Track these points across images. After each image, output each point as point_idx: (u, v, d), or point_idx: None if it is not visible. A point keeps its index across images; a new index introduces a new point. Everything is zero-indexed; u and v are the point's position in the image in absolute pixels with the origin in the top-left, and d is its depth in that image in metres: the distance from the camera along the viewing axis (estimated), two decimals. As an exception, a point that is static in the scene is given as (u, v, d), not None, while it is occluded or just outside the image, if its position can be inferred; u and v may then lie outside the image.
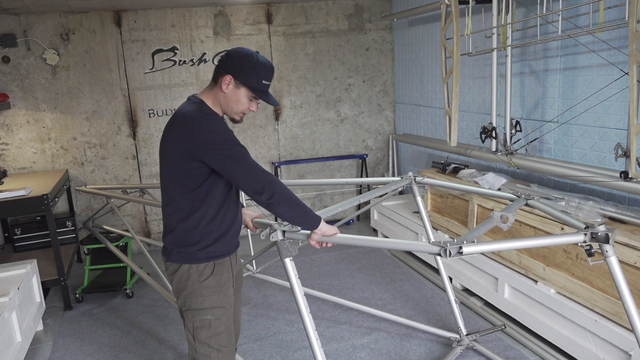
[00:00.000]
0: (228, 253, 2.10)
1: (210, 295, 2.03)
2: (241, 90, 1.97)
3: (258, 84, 1.96)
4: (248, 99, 2.00)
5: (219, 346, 2.05)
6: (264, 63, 1.97)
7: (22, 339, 3.16)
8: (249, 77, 1.94)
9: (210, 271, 2.03)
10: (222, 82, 1.96)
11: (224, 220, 2.06)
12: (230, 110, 2.03)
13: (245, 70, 1.94)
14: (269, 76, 1.99)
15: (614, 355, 2.57)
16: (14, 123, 4.89)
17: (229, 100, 1.99)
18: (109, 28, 4.97)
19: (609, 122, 3.08)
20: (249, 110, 2.04)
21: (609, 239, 1.91)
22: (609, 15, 2.93)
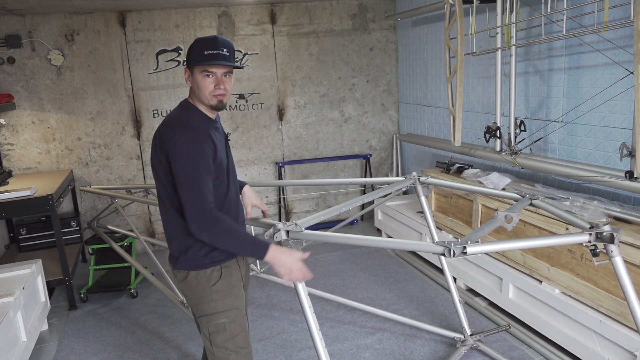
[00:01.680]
0: (233, 255, 2.07)
1: (222, 299, 2.01)
2: (195, 73, 1.94)
3: (201, 57, 1.89)
4: (205, 76, 1.92)
5: (237, 348, 2.03)
6: (202, 39, 1.93)
7: (27, 339, 3.17)
8: (193, 57, 1.92)
9: (218, 275, 2.01)
10: (186, 78, 1.99)
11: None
12: (204, 98, 1.96)
13: (190, 55, 1.93)
14: (211, 46, 1.90)
15: (619, 355, 2.56)
16: (19, 123, 4.91)
17: (195, 89, 1.97)
18: (114, 29, 4.98)
19: (614, 121, 3.07)
20: (220, 89, 1.94)
21: (614, 239, 1.90)
22: (613, 15, 2.92)
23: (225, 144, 2.09)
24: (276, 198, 5.75)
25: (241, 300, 2.08)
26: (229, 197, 2.05)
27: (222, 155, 2.00)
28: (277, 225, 2.05)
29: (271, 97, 5.51)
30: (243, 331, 2.06)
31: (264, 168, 5.65)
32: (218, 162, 1.96)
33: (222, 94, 1.96)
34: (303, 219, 2.18)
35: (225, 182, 2.03)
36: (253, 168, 5.61)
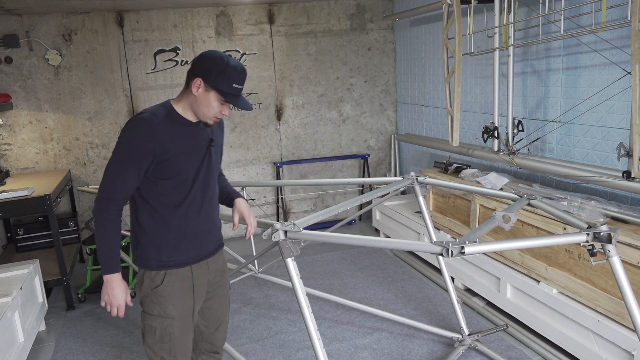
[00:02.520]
0: (187, 263, 2.05)
1: (160, 304, 2.01)
2: (211, 93, 1.91)
3: (228, 87, 1.90)
4: (219, 103, 1.93)
5: (163, 354, 2.04)
6: (234, 66, 1.90)
7: (24, 339, 3.17)
8: (219, 80, 1.89)
9: (160, 280, 2.01)
10: (193, 85, 1.92)
11: (177, 227, 2.01)
12: (201, 114, 1.97)
13: (215, 74, 1.88)
14: (240, 80, 1.93)
15: (617, 355, 2.56)
16: (16, 123, 4.90)
17: (199, 103, 1.94)
18: (111, 28, 4.98)
19: (611, 121, 3.08)
20: (221, 115, 1.98)
21: (612, 238, 1.90)
22: (611, 15, 2.93)
23: (205, 151, 2.04)
24: (274, 198, 5.75)
25: (183, 311, 2.05)
26: (187, 202, 2.01)
27: (179, 161, 1.95)
28: (275, 225, 2.05)
29: (269, 97, 5.51)
30: (174, 341, 2.04)
31: (262, 168, 5.65)
32: (169, 163, 1.93)
33: (220, 118, 2.02)
34: (301, 219, 2.18)
35: (183, 188, 1.99)
36: (251, 168, 5.60)
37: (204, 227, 2.09)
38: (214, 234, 2.16)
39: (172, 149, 1.93)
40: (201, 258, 2.10)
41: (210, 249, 2.14)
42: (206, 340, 2.27)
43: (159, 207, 1.99)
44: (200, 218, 2.06)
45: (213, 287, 2.19)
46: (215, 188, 2.16)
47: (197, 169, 2.01)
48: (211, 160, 2.07)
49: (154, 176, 1.95)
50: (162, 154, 1.91)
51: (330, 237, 2.13)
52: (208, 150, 2.05)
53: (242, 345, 3.33)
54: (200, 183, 2.03)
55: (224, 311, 2.28)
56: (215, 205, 2.17)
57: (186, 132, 1.98)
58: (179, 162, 1.95)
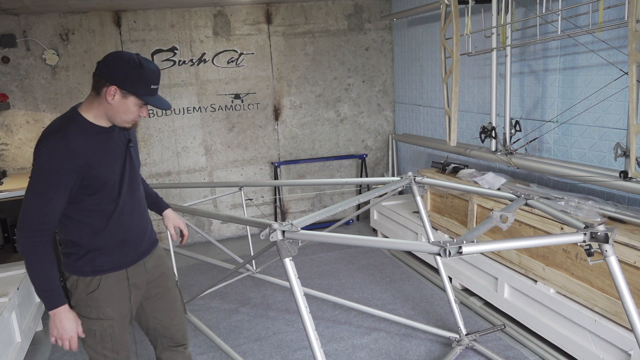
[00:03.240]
0: (123, 266, 2.04)
1: (97, 307, 2.00)
2: (129, 99, 1.85)
3: (146, 90, 1.85)
4: (137, 107, 1.88)
5: (106, 352, 2.05)
6: (149, 68, 1.84)
7: (21, 339, 3.16)
8: (136, 85, 1.82)
9: (96, 285, 1.99)
10: (107, 94, 1.83)
11: (112, 234, 1.99)
12: (119, 120, 1.90)
13: (131, 79, 1.81)
14: (157, 80, 1.88)
15: (614, 355, 2.57)
16: (13, 123, 4.89)
17: (116, 111, 1.87)
18: (109, 28, 4.97)
19: (608, 121, 3.08)
20: (139, 117, 1.93)
21: (609, 238, 1.91)
22: (608, 15, 2.93)
23: (125, 152, 2.00)
24: (272, 198, 5.75)
25: (121, 311, 2.05)
26: (118, 208, 1.98)
27: (103, 171, 1.90)
28: (272, 225, 2.04)
29: (267, 97, 5.51)
30: (114, 340, 2.05)
31: (260, 168, 5.64)
32: (93, 177, 1.87)
33: (138, 120, 1.96)
34: (299, 219, 2.18)
35: (109, 198, 1.95)
36: (249, 168, 5.60)
37: (138, 228, 2.09)
38: (148, 232, 2.16)
39: (94, 161, 1.87)
40: (136, 259, 2.09)
41: (144, 249, 2.13)
42: (164, 335, 2.28)
43: (89, 221, 1.94)
44: (133, 220, 2.06)
45: (154, 284, 2.19)
46: (141, 187, 2.15)
47: (120, 173, 1.97)
48: (132, 160, 2.04)
49: (80, 194, 1.88)
50: (85, 169, 1.84)
51: (328, 237, 2.13)
52: (127, 151, 2.02)
53: (239, 345, 3.33)
54: (127, 186, 2.00)
55: (173, 305, 2.27)
56: (144, 205, 2.16)
57: (102, 139, 1.92)
58: (103, 173, 1.90)
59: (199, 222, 5.51)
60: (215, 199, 5.39)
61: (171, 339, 2.30)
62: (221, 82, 5.33)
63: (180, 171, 5.39)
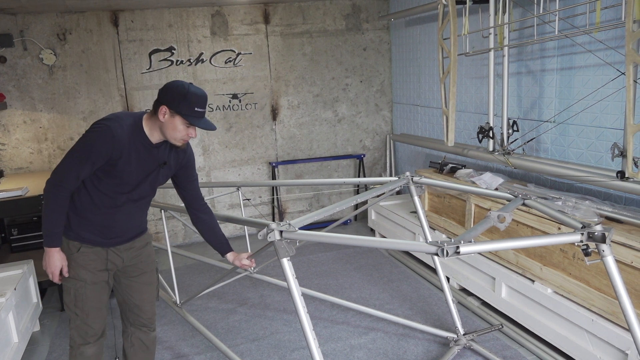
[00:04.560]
0: (101, 245, 2.31)
1: (74, 268, 2.30)
2: (176, 118, 2.14)
3: (191, 111, 2.12)
4: (184, 126, 2.16)
5: (77, 311, 2.34)
6: (194, 92, 2.13)
7: (18, 340, 3.15)
8: (182, 105, 2.11)
9: (76, 249, 2.29)
10: (159, 113, 2.14)
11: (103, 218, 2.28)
12: (170, 137, 2.19)
13: (178, 100, 2.11)
14: (201, 104, 2.15)
15: (611, 354, 2.57)
16: (10, 123, 4.88)
17: (167, 128, 2.17)
18: (106, 28, 4.96)
19: (605, 122, 3.09)
20: (188, 137, 2.20)
21: (606, 238, 1.91)
22: (605, 16, 2.94)
23: (156, 168, 2.29)
24: (270, 198, 5.74)
25: (94, 278, 2.32)
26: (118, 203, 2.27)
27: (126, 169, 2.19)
28: (270, 225, 2.05)
29: (265, 97, 5.51)
30: (85, 300, 2.32)
31: (258, 168, 5.64)
32: (117, 169, 2.17)
33: (188, 140, 2.24)
34: (297, 219, 2.18)
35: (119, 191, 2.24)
36: (246, 168, 5.60)
37: (126, 226, 2.36)
38: (132, 231, 2.40)
39: (125, 159, 2.17)
40: (112, 245, 2.35)
41: (122, 239, 2.38)
42: (132, 311, 2.54)
43: (95, 196, 2.24)
44: (124, 219, 2.33)
45: (132, 266, 2.45)
46: (149, 198, 2.42)
47: (138, 182, 2.27)
48: (157, 178, 2.34)
49: (100, 171, 2.18)
50: (115, 159, 2.15)
51: (326, 237, 2.13)
52: (157, 169, 2.31)
53: (237, 345, 3.33)
54: (137, 192, 2.30)
55: (147, 287, 2.52)
56: (144, 210, 2.44)
57: (143, 150, 2.21)
58: (125, 171, 2.20)
59: (196, 222, 5.50)
60: (213, 199, 5.38)
61: (138, 317, 2.55)
62: (219, 82, 5.33)
63: (177, 171, 5.37)
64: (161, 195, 5.29)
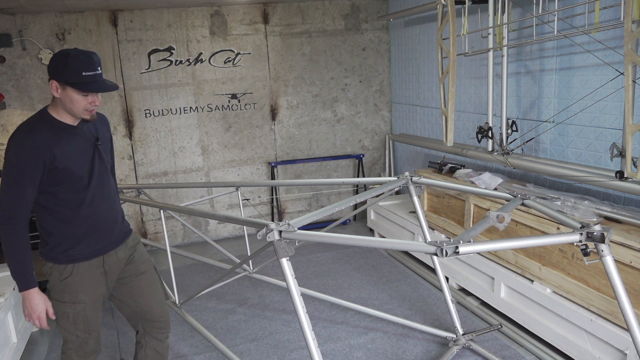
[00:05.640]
0: (93, 255, 2.16)
1: (70, 292, 2.14)
2: (67, 90, 1.95)
3: (77, 77, 1.92)
4: (81, 95, 1.96)
5: (78, 333, 2.19)
6: (75, 55, 1.92)
7: (17, 340, 3.15)
8: (66, 74, 1.92)
9: (69, 272, 2.13)
10: (52, 88, 1.97)
11: (81, 223, 2.12)
12: (73, 112, 2.01)
13: (61, 69, 1.92)
14: (88, 66, 1.93)
15: (610, 354, 2.58)
16: (9, 123, 4.87)
17: (65, 102, 1.98)
18: (105, 28, 4.96)
19: (604, 122, 3.09)
20: (93, 105, 2.01)
21: (605, 238, 1.91)
22: (604, 16, 2.94)
23: (93, 149, 2.12)
24: (269, 198, 5.74)
25: (93, 296, 2.18)
26: (86, 201, 2.11)
27: (68, 164, 2.03)
28: (269, 225, 2.04)
29: (264, 97, 5.50)
30: (86, 322, 2.18)
31: (257, 168, 5.64)
32: (59, 169, 2.00)
33: (94, 109, 2.04)
34: (296, 219, 2.18)
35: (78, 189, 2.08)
36: (246, 168, 5.60)
37: (106, 218, 2.20)
38: (118, 224, 2.26)
39: (59, 155, 1.99)
40: (108, 249, 2.21)
41: (115, 239, 2.25)
42: (145, 318, 2.39)
43: (61, 210, 2.08)
44: (102, 211, 2.18)
45: (128, 272, 2.32)
46: (111, 182, 2.27)
47: (89, 168, 2.11)
48: (102, 157, 2.17)
49: (47, 185, 2.02)
50: (50, 161, 1.98)
51: (325, 237, 2.13)
52: (96, 149, 2.14)
53: (236, 345, 3.33)
54: (95, 181, 2.13)
55: (151, 288, 2.39)
56: (115, 198, 2.28)
57: (68, 135, 2.04)
58: (69, 165, 2.03)
59: (195, 222, 5.50)
60: (212, 199, 5.38)
61: (152, 322, 2.40)
62: (218, 82, 5.33)
63: (177, 171, 5.38)
64: (161, 195, 5.29)
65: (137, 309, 2.37)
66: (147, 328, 2.41)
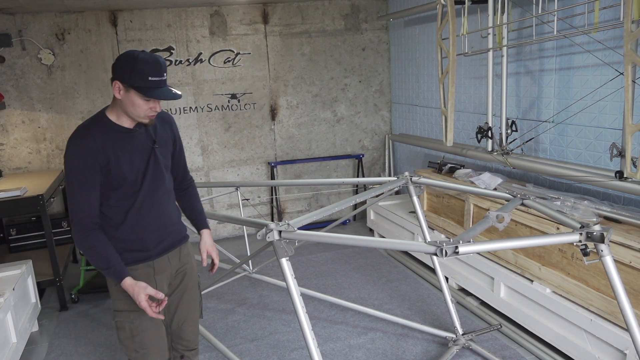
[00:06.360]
0: (145, 259, 2.10)
1: (124, 299, 2.07)
2: (131, 93, 1.89)
3: (143, 82, 1.87)
4: (143, 100, 1.91)
5: (136, 347, 2.10)
6: (144, 59, 1.87)
7: (17, 340, 3.15)
8: (132, 77, 1.86)
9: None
10: (114, 89, 1.92)
11: (129, 230, 2.06)
12: (133, 116, 1.96)
13: (127, 72, 1.86)
14: (155, 71, 1.88)
15: (610, 354, 2.58)
16: (9, 123, 4.87)
17: (126, 105, 1.93)
18: (105, 28, 4.96)
19: (604, 122, 3.09)
20: (153, 111, 1.96)
21: (604, 238, 1.91)
22: (604, 16, 2.94)
23: (150, 152, 2.06)
24: (269, 198, 5.74)
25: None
26: (135, 206, 2.05)
27: (124, 167, 1.98)
28: (269, 225, 2.04)
29: (263, 97, 5.50)
30: (143, 333, 2.09)
31: (257, 168, 5.64)
32: (112, 173, 1.96)
33: (154, 115, 1.99)
34: (296, 219, 2.18)
35: (131, 193, 2.03)
36: (245, 168, 5.60)
37: (156, 225, 2.12)
38: (169, 230, 2.18)
39: (113, 158, 1.95)
40: (160, 253, 2.14)
41: (168, 244, 2.17)
42: (174, 333, 2.31)
43: (111, 215, 2.03)
44: (151, 218, 2.10)
45: (176, 280, 2.24)
46: (166, 186, 2.16)
47: (143, 172, 2.04)
48: (158, 161, 2.09)
49: (105, 189, 1.99)
50: (105, 164, 1.94)
51: (325, 237, 2.13)
52: (152, 152, 2.07)
53: (236, 345, 3.33)
54: (147, 186, 2.06)
55: (190, 304, 2.30)
56: (168, 202, 2.18)
57: (122, 139, 1.99)
58: (122, 169, 1.98)
59: (195, 222, 5.49)
60: (211, 199, 5.38)
61: (180, 341, 2.33)
62: (218, 82, 5.33)
63: (176, 171, 5.37)
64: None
65: (169, 321, 2.29)
66: (175, 346, 2.34)
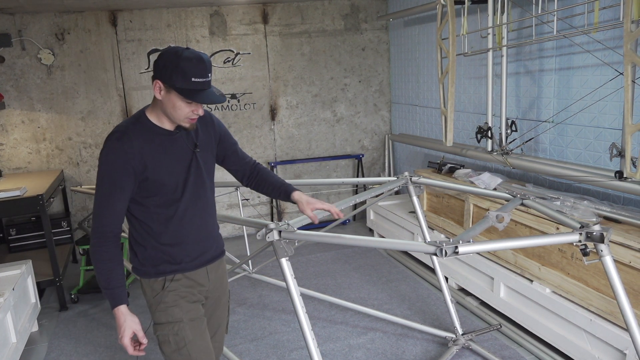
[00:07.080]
0: (184, 270, 1.98)
1: (165, 310, 1.94)
2: (172, 94, 1.74)
3: (187, 83, 1.70)
4: (185, 103, 1.76)
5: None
6: (189, 58, 1.70)
7: (17, 340, 3.15)
8: (174, 77, 1.70)
9: (160, 287, 1.95)
10: (155, 89, 1.76)
11: (170, 239, 1.94)
12: (173, 118, 1.81)
13: (170, 71, 1.70)
14: (199, 72, 1.71)
15: (609, 354, 2.58)
16: (8, 123, 4.87)
17: (166, 107, 1.78)
18: (105, 28, 4.96)
19: (603, 122, 3.10)
20: (194, 114, 1.80)
21: (604, 238, 1.91)
22: (603, 16, 2.94)
23: (191, 157, 1.92)
24: (268, 198, 5.74)
25: (189, 313, 1.97)
26: (178, 214, 1.92)
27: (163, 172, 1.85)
28: (269, 225, 2.04)
29: (263, 97, 5.50)
30: (189, 344, 1.94)
31: (256, 168, 5.63)
32: (150, 180, 1.83)
33: (195, 118, 1.85)
34: (295, 219, 2.18)
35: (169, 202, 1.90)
36: (245, 168, 5.59)
37: (198, 236, 2.00)
38: (210, 241, 2.07)
39: (151, 163, 1.82)
40: (199, 265, 2.02)
41: (208, 257, 2.06)
42: None
43: (151, 222, 1.91)
44: (193, 228, 1.98)
45: (212, 293, 2.12)
46: (208, 194, 2.03)
47: (184, 179, 1.91)
48: (199, 166, 1.95)
49: (139, 195, 1.86)
50: (142, 170, 1.81)
51: (325, 237, 2.13)
52: (194, 157, 1.93)
53: (236, 345, 3.33)
54: (189, 193, 1.93)
55: (221, 320, 2.21)
56: (210, 213, 2.06)
57: (163, 142, 1.85)
58: (161, 175, 1.85)
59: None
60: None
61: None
62: (217, 82, 5.32)
63: (176, 171, 5.37)
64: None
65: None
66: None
